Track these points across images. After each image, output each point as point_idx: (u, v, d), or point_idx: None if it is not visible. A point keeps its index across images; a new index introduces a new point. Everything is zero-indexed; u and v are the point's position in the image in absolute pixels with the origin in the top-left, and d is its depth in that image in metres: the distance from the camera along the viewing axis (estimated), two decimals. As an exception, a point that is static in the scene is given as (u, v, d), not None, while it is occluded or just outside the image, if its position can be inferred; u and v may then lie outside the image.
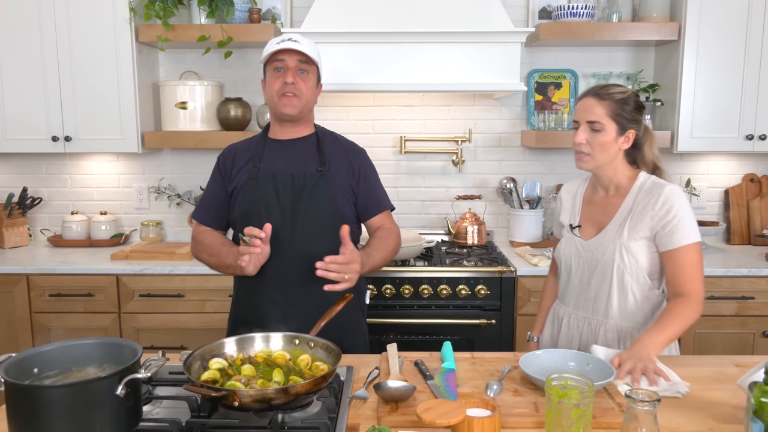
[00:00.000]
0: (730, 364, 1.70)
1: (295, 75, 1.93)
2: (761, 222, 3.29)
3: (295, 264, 1.93)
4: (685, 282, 1.74)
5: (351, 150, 2.09)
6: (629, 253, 1.79)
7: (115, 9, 2.95)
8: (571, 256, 1.94)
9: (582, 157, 1.83)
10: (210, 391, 1.29)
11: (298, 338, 1.56)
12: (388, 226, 2.08)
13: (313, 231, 1.95)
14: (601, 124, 1.78)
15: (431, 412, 1.23)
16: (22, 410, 1.14)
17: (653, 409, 1.14)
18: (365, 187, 2.05)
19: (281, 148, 2.03)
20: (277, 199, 1.95)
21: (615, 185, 1.87)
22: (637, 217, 1.79)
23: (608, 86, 1.81)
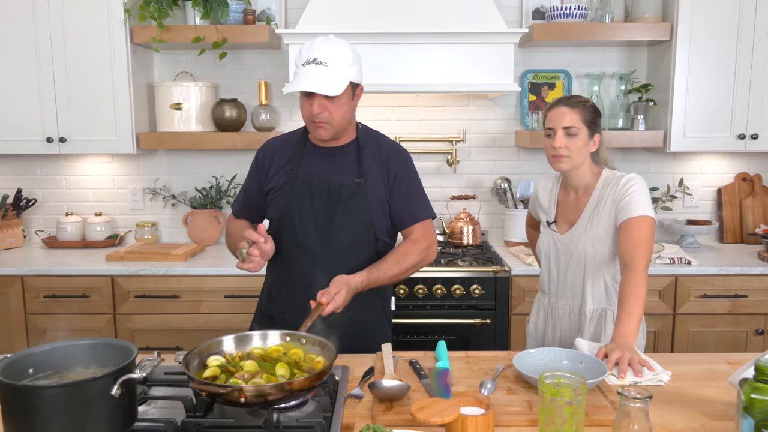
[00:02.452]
0: (723, 362, 1.72)
1: (321, 103, 1.81)
2: (754, 220, 3.32)
3: (322, 274, 1.84)
4: (630, 253, 1.84)
5: (391, 156, 1.98)
6: (598, 241, 1.96)
7: (110, 10, 2.95)
8: (549, 249, 2.10)
9: (560, 159, 1.97)
10: (217, 388, 1.29)
11: (294, 336, 1.57)
12: (416, 237, 1.96)
13: (344, 243, 1.90)
14: (576, 128, 1.94)
15: (425, 410, 1.24)
16: (17, 411, 1.15)
17: (645, 406, 1.15)
18: (398, 196, 1.96)
19: (321, 154, 1.96)
20: (311, 208, 1.91)
21: (584, 185, 2.04)
22: (603, 206, 1.96)
23: (573, 97, 2.00)
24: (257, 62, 3.34)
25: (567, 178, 2.06)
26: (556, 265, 2.08)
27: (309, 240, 1.91)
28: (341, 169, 1.94)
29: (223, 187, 3.36)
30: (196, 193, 3.37)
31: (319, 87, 1.77)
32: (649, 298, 2.77)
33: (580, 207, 2.03)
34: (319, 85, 1.77)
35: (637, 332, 1.72)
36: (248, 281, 2.81)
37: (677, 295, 2.82)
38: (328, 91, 1.77)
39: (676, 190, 3.32)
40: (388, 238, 2.00)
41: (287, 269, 1.97)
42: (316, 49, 1.80)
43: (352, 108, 1.91)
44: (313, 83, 1.77)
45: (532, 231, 2.43)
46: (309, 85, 1.77)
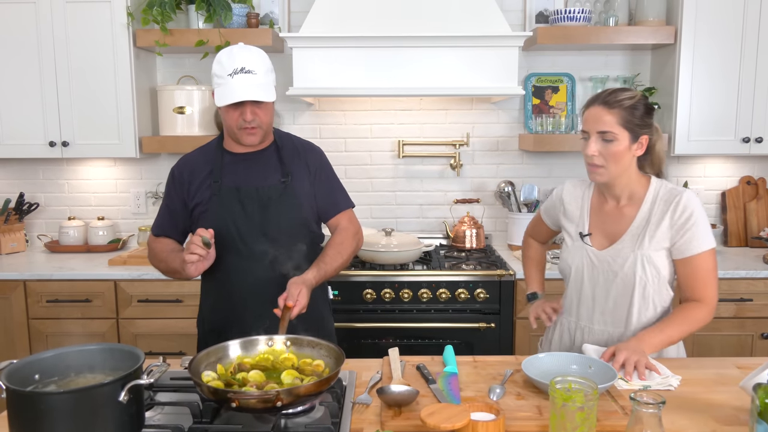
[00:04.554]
0: (732, 366, 1.71)
1: (253, 110, 1.86)
2: (758, 224, 3.31)
3: (267, 275, 1.93)
4: (700, 288, 1.74)
5: (308, 152, 2.06)
6: (651, 264, 1.73)
7: (113, 14, 2.94)
8: (583, 266, 1.84)
9: (596, 170, 1.74)
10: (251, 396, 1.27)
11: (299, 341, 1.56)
12: (344, 226, 2.06)
13: (284, 241, 1.95)
14: (612, 133, 1.69)
15: (435, 416, 1.23)
16: (24, 417, 1.14)
17: (658, 412, 1.14)
18: (321, 188, 2.04)
19: (241, 161, 1.99)
20: (244, 214, 1.94)
21: (628, 194, 1.80)
22: (656, 226, 1.73)
23: (616, 92, 1.72)
24: (260, 66, 3.33)
25: (607, 185, 1.81)
26: (591, 285, 1.84)
27: (250, 245, 1.94)
28: (266, 171, 1.98)
29: (226, 191, 3.34)
30: (199, 197, 3.36)
31: (257, 95, 1.82)
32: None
33: (625, 220, 1.79)
34: (256, 92, 1.82)
35: (658, 347, 1.69)
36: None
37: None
38: (266, 98, 1.84)
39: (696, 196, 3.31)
40: (317, 228, 2.09)
41: (232, 279, 1.99)
42: (239, 58, 1.83)
43: (273, 112, 1.98)
44: (249, 92, 1.81)
45: (533, 243, 2.18)
46: (246, 93, 1.81)
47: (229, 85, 1.82)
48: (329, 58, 2.84)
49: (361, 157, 3.41)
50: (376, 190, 3.43)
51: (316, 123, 3.38)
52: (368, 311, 2.79)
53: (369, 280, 2.78)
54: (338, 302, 2.77)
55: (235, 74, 1.82)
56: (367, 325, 2.78)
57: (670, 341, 1.71)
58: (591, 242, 1.84)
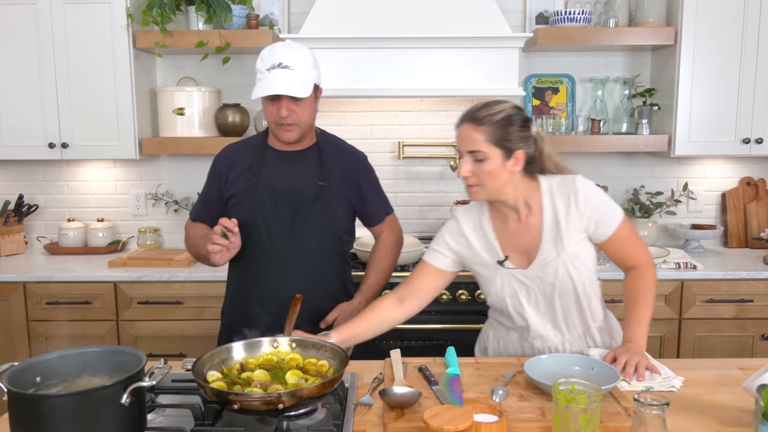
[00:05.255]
0: (734, 367, 1.70)
1: (289, 106, 1.87)
2: (758, 225, 3.31)
3: (291, 276, 1.96)
4: (632, 255, 1.75)
5: (351, 158, 2.07)
6: (579, 259, 1.69)
7: (113, 15, 2.93)
8: (516, 291, 1.74)
9: (472, 188, 1.66)
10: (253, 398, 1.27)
11: (304, 343, 1.56)
12: (384, 236, 2.13)
13: (310, 245, 1.97)
14: (483, 152, 1.59)
15: (438, 418, 1.23)
16: (25, 420, 1.13)
17: (662, 413, 1.13)
18: (363, 196, 2.06)
19: (282, 159, 2.01)
20: (276, 212, 1.95)
21: (523, 203, 1.71)
22: (566, 223, 1.68)
23: (485, 107, 1.62)
24: (260, 67, 3.33)
25: (497, 201, 1.71)
26: (533, 306, 1.75)
27: (275, 244, 1.96)
28: (304, 173, 1.99)
29: (226, 193, 3.34)
30: (199, 199, 3.36)
31: (289, 89, 1.82)
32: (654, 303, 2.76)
33: (534, 230, 1.71)
34: (289, 87, 1.82)
35: (646, 336, 1.70)
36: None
37: (683, 300, 2.81)
38: (298, 93, 1.82)
39: (680, 194, 3.31)
40: (348, 236, 2.09)
41: (252, 274, 2.01)
42: (279, 53, 1.85)
43: (315, 110, 1.98)
44: (282, 86, 1.81)
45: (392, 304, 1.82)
46: (279, 88, 1.81)
47: (266, 79, 1.84)
48: (329, 60, 2.83)
49: (361, 159, 3.39)
50: (376, 192, 3.42)
51: (316, 124, 3.36)
52: (369, 313, 2.78)
53: (369, 282, 2.77)
54: (339, 304, 2.76)
55: (272, 69, 1.84)
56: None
57: (649, 322, 1.71)
58: (512, 265, 1.74)
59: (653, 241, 3.21)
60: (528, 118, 1.67)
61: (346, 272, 2.14)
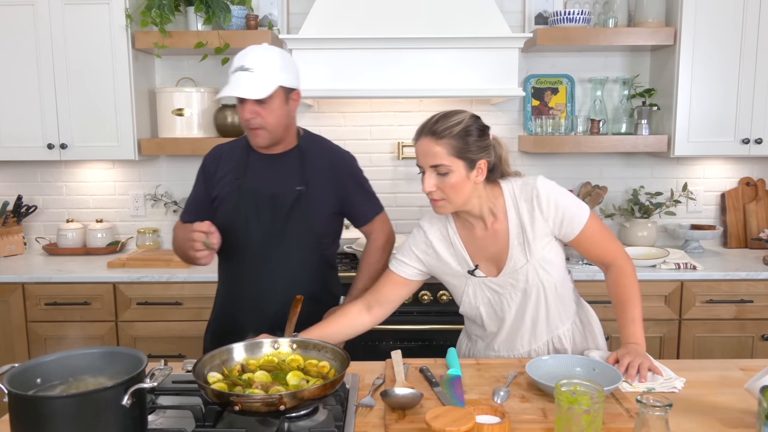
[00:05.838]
0: (735, 368, 1.70)
1: (253, 108, 1.84)
2: (758, 225, 3.31)
3: (272, 281, 1.96)
4: (604, 251, 1.74)
5: (335, 159, 2.04)
6: (548, 263, 1.68)
7: (112, 16, 2.93)
8: (489, 301, 1.74)
9: (437, 203, 1.64)
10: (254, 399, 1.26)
11: (305, 344, 1.56)
12: (374, 236, 2.11)
13: (290, 251, 1.96)
14: (446, 166, 1.57)
15: (440, 419, 1.22)
16: (26, 421, 1.13)
17: (665, 415, 1.13)
18: (348, 198, 2.03)
19: (264, 162, 1.99)
20: (257, 217, 1.95)
21: (489, 211, 1.69)
22: (531, 227, 1.67)
23: (442, 119, 1.59)
24: (259, 68, 3.32)
25: (462, 212, 1.70)
26: (508, 314, 1.74)
27: (255, 249, 1.96)
28: (285, 176, 1.96)
29: (225, 193, 3.34)
30: (198, 200, 3.35)
31: (243, 91, 1.80)
32: (654, 304, 2.77)
33: (500, 237, 1.69)
34: (243, 90, 1.80)
35: (643, 335, 1.69)
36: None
37: (683, 301, 2.81)
38: (251, 95, 1.80)
39: (679, 194, 3.31)
40: (332, 239, 2.08)
41: (235, 279, 2.03)
42: (244, 57, 1.84)
43: (287, 113, 1.92)
44: (238, 89, 1.81)
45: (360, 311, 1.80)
46: (232, 90, 1.81)
47: (229, 82, 1.84)
48: (329, 60, 2.83)
49: (361, 159, 3.32)
50: (375, 192, 3.41)
51: (316, 125, 3.37)
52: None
53: (369, 283, 2.77)
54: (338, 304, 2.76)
55: (235, 72, 1.84)
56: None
57: (641, 319, 1.70)
58: (483, 273, 1.73)
59: (653, 242, 3.21)
60: (485, 126, 1.65)
61: (329, 275, 2.12)
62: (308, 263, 1.99)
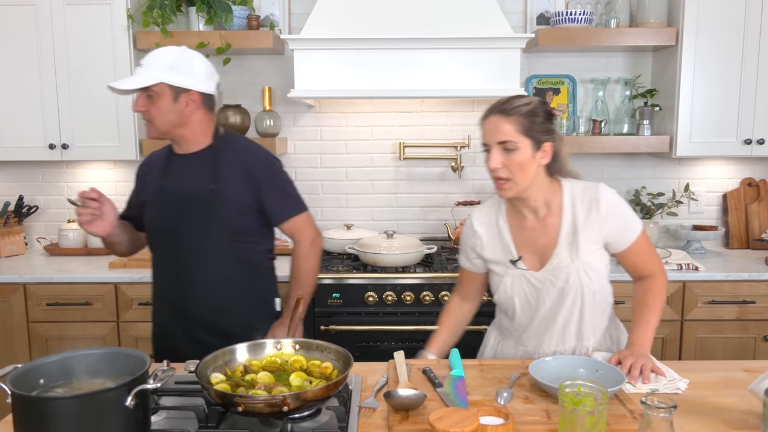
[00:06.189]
0: (738, 369, 1.70)
1: (141, 102, 1.90)
2: (760, 226, 3.30)
3: (193, 280, 1.98)
4: (646, 265, 1.76)
5: (250, 158, 2.01)
6: (592, 269, 1.69)
7: (113, 16, 2.93)
8: (526, 294, 1.75)
9: (502, 185, 1.64)
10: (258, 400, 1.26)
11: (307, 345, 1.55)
12: (297, 239, 2.07)
13: (210, 249, 1.97)
14: (513, 142, 1.59)
15: (444, 420, 1.22)
16: (29, 422, 1.12)
17: (669, 416, 1.13)
18: (263, 196, 1.99)
19: (180, 163, 2.02)
20: (173, 218, 1.97)
21: (544, 204, 1.71)
22: (584, 230, 1.68)
23: (512, 99, 1.64)
24: (261, 68, 3.32)
25: (520, 199, 1.71)
26: (541, 310, 1.74)
27: (175, 250, 1.99)
28: (198, 176, 1.98)
29: (227, 194, 3.33)
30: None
31: (120, 83, 1.89)
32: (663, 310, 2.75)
33: (551, 231, 1.71)
34: (123, 82, 1.89)
35: (652, 340, 1.70)
36: (253, 288, 2.79)
37: (685, 301, 2.81)
38: (122, 85, 1.88)
39: (681, 195, 3.30)
40: (253, 239, 2.04)
41: (157, 279, 2.09)
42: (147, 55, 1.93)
43: (178, 112, 1.92)
44: (120, 81, 1.90)
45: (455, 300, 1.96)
46: (116, 83, 1.90)
47: None
48: (330, 60, 2.83)
49: (362, 160, 3.40)
50: (377, 193, 3.42)
51: (317, 125, 3.37)
52: (370, 314, 2.78)
53: (370, 283, 2.77)
54: (340, 305, 2.76)
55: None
56: (368, 328, 2.76)
57: (656, 327, 1.72)
58: (525, 265, 1.74)
59: (654, 242, 3.20)
60: (552, 111, 1.68)
61: (255, 275, 2.08)
62: (227, 262, 1.98)
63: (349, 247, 2.99)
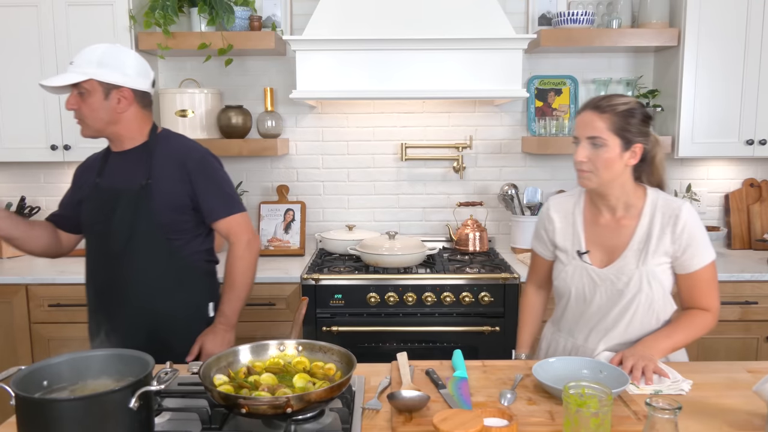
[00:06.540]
0: (742, 370, 1.70)
1: (73, 100, 1.91)
2: (762, 226, 3.30)
3: (125, 278, 1.97)
4: (703, 298, 1.75)
5: (184, 154, 2.00)
6: (656, 279, 1.70)
7: (115, 17, 2.93)
8: (584, 286, 1.78)
9: (584, 174, 1.70)
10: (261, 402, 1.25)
11: (310, 346, 1.55)
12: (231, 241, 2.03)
13: (141, 246, 1.95)
14: (602, 139, 1.64)
15: (448, 422, 1.22)
16: (33, 424, 1.12)
17: (674, 417, 1.13)
18: (198, 193, 1.98)
19: (116, 161, 2.02)
20: (105, 216, 1.97)
21: (624, 204, 1.75)
22: (657, 241, 1.70)
23: (610, 97, 1.68)
24: (263, 69, 3.32)
25: (600, 194, 1.74)
26: (594, 305, 1.77)
27: (107, 247, 1.98)
28: (131, 173, 1.97)
29: (228, 195, 3.33)
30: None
31: (50, 80, 1.89)
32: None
33: (624, 233, 1.73)
34: (53, 79, 1.89)
35: (665, 353, 1.69)
36: (256, 289, 2.77)
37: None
38: (52, 82, 1.88)
39: (683, 196, 3.30)
40: (189, 236, 2.02)
41: (88, 277, 2.07)
42: None
43: (110, 109, 1.92)
44: (50, 79, 1.90)
45: (530, 291, 2.03)
46: (46, 80, 1.89)
47: None
48: (332, 61, 2.83)
49: (364, 160, 3.40)
50: (379, 193, 3.42)
51: (319, 126, 3.37)
52: (372, 315, 2.77)
53: (372, 284, 2.77)
54: (341, 306, 2.76)
55: None
56: (370, 329, 2.76)
57: (676, 346, 1.72)
58: (590, 260, 1.77)
59: (656, 243, 3.20)
60: (650, 115, 1.70)
61: (189, 277, 2.04)
62: (158, 260, 1.97)
63: (350, 248, 2.99)
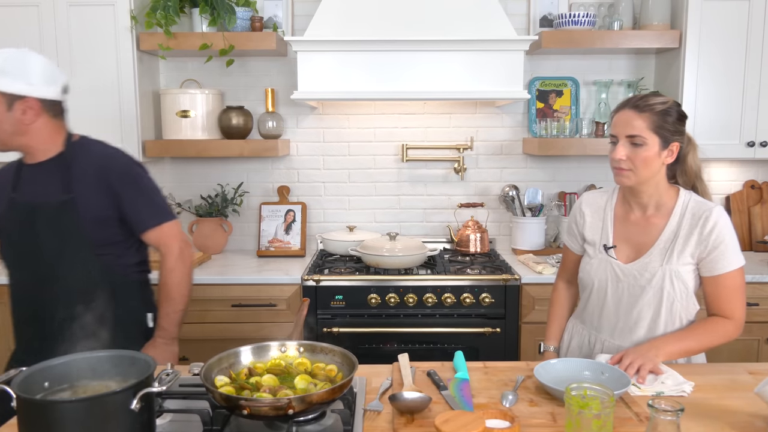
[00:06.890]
0: (743, 372, 1.70)
1: None
2: (762, 228, 3.30)
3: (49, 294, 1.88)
4: (726, 305, 1.73)
5: (108, 164, 1.91)
6: (679, 279, 1.70)
7: (116, 17, 2.93)
8: (607, 280, 1.80)
9: (622, 172, 1.71)
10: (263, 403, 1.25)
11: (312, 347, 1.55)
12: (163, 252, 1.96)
13: (66, 261, 1.86)
14: (642, 138, 1.66)
15: (450, 423, 1.22)
16: (35, 425, 1.12)
17: (676, 419, 1.13)
18: (125, 203, 1.90)
19: (31, 174, 1.91)
20: (26, 232, 1.87)
21: (655, 203, 1.76)
22: (684, 241, 1.70)
23: (647, 97, 1.70)
24: (264, 69, 3.32)
25: (633, 192, 1.77)
26: (615, 299, 1.79)
27: (31, 262, 1.89)
28: (49, 186, 1.87)
29: (229, 195, 3.33)
30: (202, 201, 3.35)
31: None
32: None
33: (653, 231, 1.75)
34: None
35: (674, 357, 1.69)
36: (256, 290, 2.79)
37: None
38: None
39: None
40: (120, 249, 1.94)
41: (13, 298, 1.97)
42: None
43: (15, 121, 1.81)
44: None
45: (560, 286, 2.06)
46: None
47: None
48: (333, 62, 2.83)
49: (365, 161, 3.40)
50: (379, 194, 3.42)
51: (320, 127, 3.37)
52: (372, 316, 2.77)
53: (373, 285, 2.77)
54: (342, 307, 2.76)
55: None
56: (371, 330, 2.76)
57: (687, 352, 1.71)
58: (616, 255, 1.79)
59: (657, 245, 3.20)
60: (685, 114, 1.72)
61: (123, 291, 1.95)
62: (89, 277, 1.87)
63: (351, 249, 2.99)
